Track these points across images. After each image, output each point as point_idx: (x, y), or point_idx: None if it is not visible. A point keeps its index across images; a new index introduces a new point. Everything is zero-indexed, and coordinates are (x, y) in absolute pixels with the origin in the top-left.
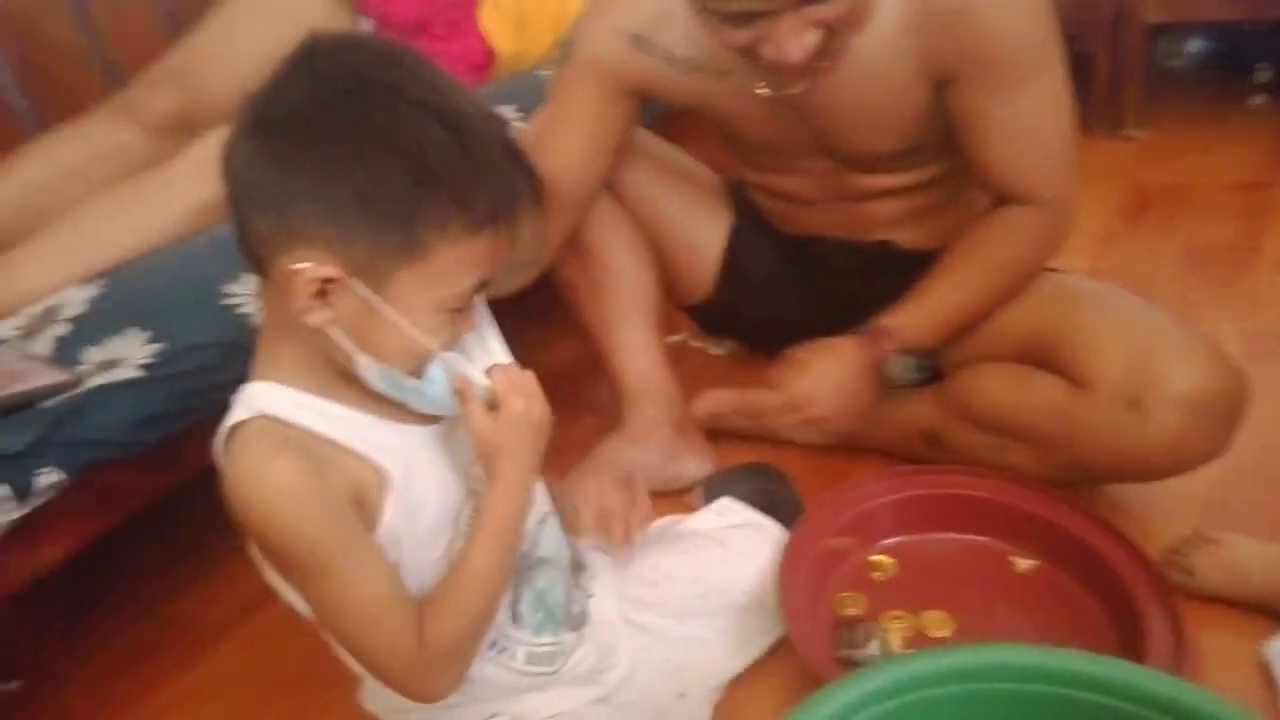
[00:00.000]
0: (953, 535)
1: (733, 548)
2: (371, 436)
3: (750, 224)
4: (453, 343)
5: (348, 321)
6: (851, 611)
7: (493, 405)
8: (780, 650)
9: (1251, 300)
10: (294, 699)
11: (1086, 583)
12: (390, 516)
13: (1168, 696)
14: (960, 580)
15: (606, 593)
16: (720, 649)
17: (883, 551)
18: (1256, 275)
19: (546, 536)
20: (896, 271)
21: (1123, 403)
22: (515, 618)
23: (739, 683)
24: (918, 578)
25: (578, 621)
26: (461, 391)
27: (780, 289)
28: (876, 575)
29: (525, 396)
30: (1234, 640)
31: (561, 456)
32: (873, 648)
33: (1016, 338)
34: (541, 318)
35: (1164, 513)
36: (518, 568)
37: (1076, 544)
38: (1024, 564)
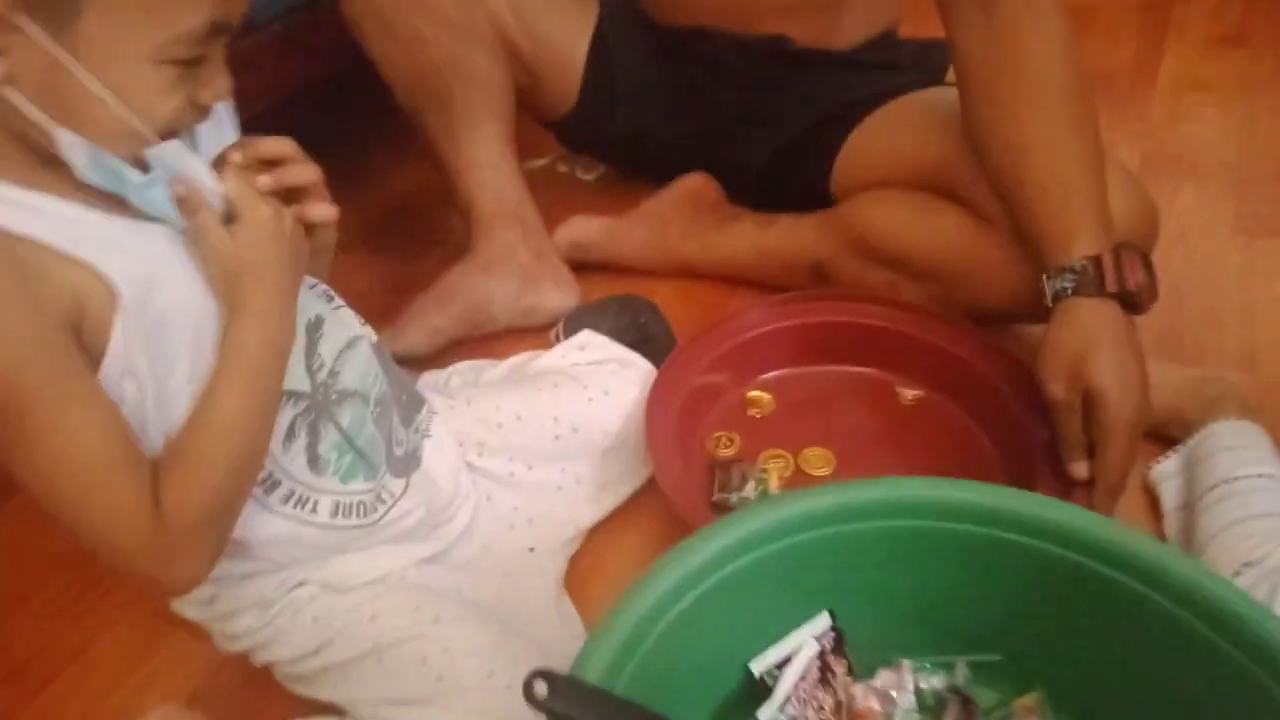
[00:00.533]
0: (835, 367)
1: (594, 386)
2: (96, 236)
3: (620, 13)
4: (179, 120)
5: (33, 81)
6: (726, 452)
7: (230, 217)
8: (646, 496)
9: (1148, 121)
10: (72, 579)
11: (976, 413)
12: (120, 344)
13: (1064, 524)
14: (843, 414)
15: (445, 434)
16: (578, 496)
17: (760, 387)
18: (1153, 96)
19: (352, 365)
20: (789, 77)
21: None
22: (313, 462)
23: (598, 533)
24: (798, 414)
25: (403, 466)
26: (185, 199)
27: (654, 97)
28: (753, 413)
29: (269, 204)
30: None
31: (406, 295)
32: (749, 490)
33: (916, 164)
34: (387, 141)
35: None
36: (316, 402)
37: (965, 372)
38: (910, 394)
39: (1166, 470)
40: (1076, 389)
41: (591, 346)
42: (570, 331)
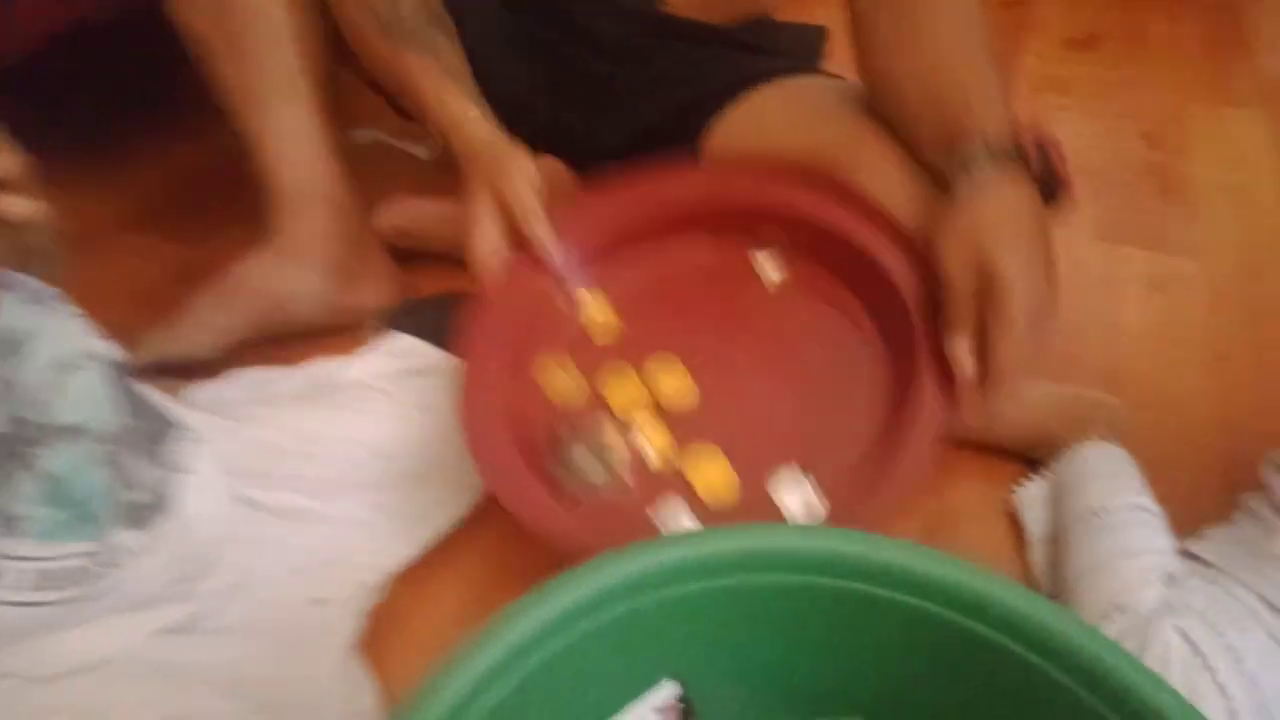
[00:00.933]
0: (685, 255)
1: (405, 399)
2: None
3: None
4: None
5: None
6: (561, 384)
7: None
8: (471, 528)
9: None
10: None
11: (853, 289)
12: None
13: (936, 577)
14: (697, 309)
15: (210, 467)
16: (385, 532)
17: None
18: (1015, 97)
19: (70, 392)
20: (659, 47)
21: None
22: (5, 523)
23: (405, 578)
24: (649, 327)
25: (143, 514)
26: None
27: (505, 57)
28: (592, 327)
29: None
30: (985, 488)
31: (198, 286)
32: (579, 457)
33: (788, 152)
34: (177, 98)
35: None
36: (7, 443)
37: (837, 242)
38: (776, 277)
39: (1031, 495)
40: (976, 269)
41: (409, 353)
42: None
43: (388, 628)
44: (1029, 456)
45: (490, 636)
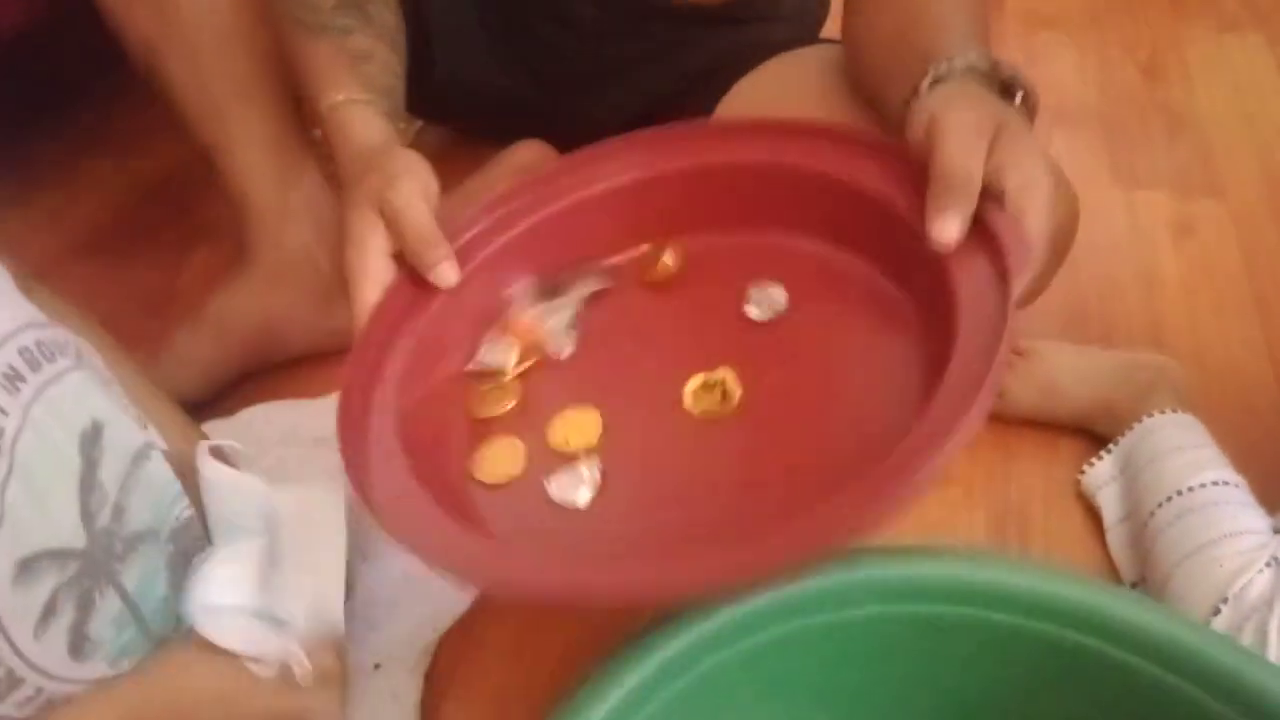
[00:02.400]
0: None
1: None
2: None
3: None
4: None
5: None
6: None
7: None
8: None
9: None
10: None
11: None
12: None
13: (1076, 604)
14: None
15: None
16: (437, 584)
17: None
18: (1005, 37)
19: (143, 491)
20: (652, 28)
21: None
22: (77, 648)
23: (451, 633)
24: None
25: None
26: None
27: (481, 42)
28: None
29: None
30: (1050, 469)
31: (166, 313)
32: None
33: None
34: (125, 105)
35: None
36: (93, 563)
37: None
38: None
39: (1101, 475)
40: (977, 156)
41: None
42: None
43: (441, 692)
44: (1091, 430)
45: (596, 690)
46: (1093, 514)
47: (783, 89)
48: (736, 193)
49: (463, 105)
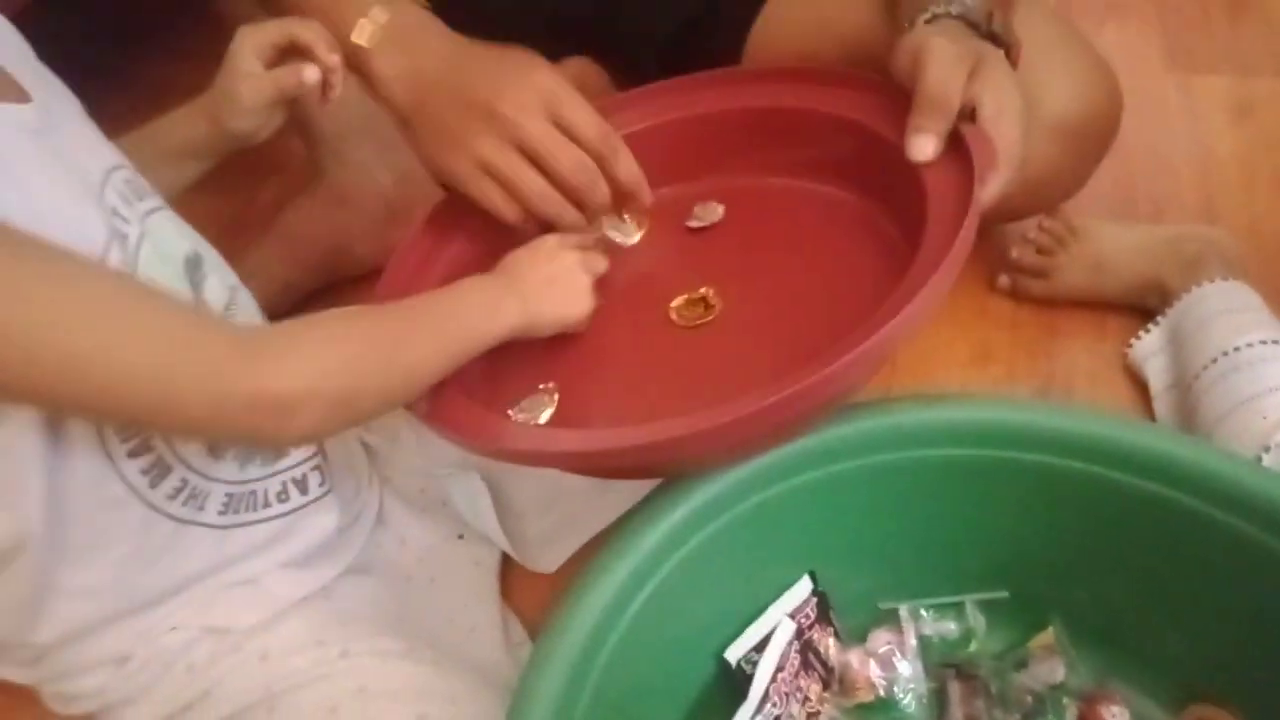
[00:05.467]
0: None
1: None
2: None
3: None
4: None
5: None
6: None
7: None
8: None
9: None
10: None
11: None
12: None
13: (1065, 430)
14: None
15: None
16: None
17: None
18: None
19: (240, 317)
20: None
21: None
22: (213, 450)
23: None
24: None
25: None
26: None
27: None
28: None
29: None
30: (1098, 345)
31: (240, 239)
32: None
33: (842, 32)
34: (193, 52)
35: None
36: None
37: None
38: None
39: (1149, 346)
40: (957, 74)
41: None
42: None
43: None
44: (1141, 306)
45: (623, 544)
46: (1140, 386)
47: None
48: (723, 140)
49: (515, 26)
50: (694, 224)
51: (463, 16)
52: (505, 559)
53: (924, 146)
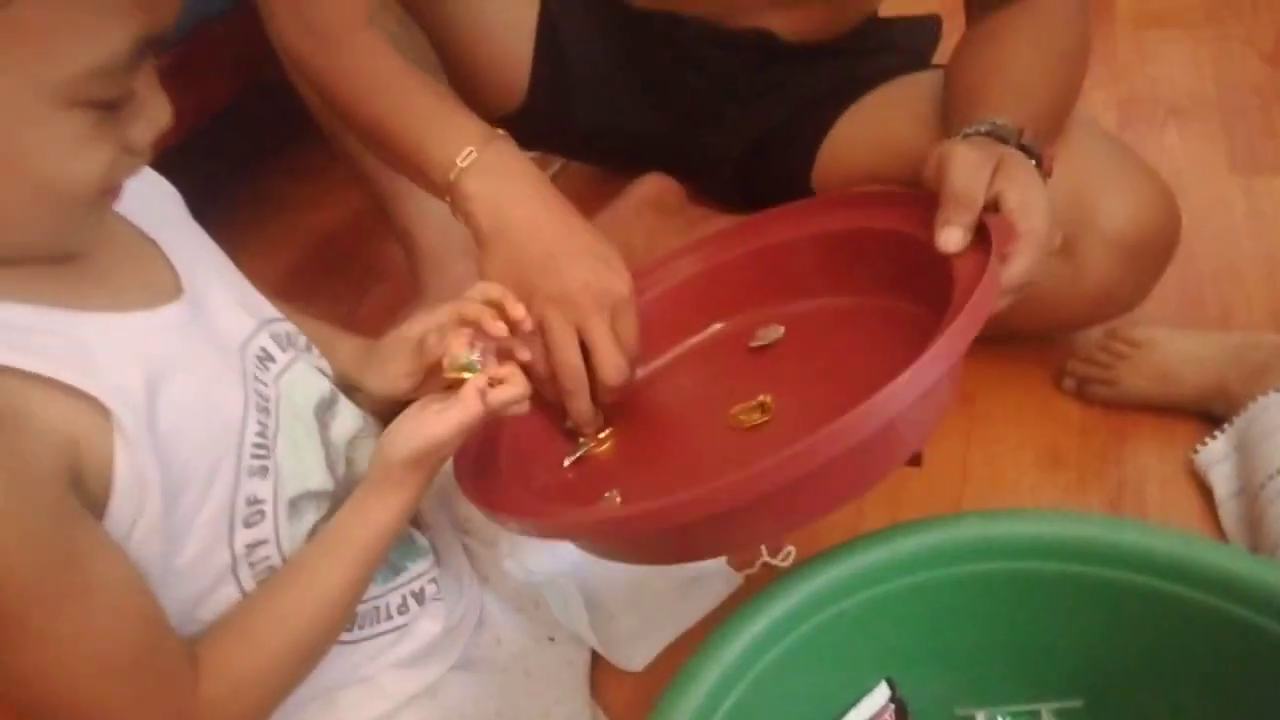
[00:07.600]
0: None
1: None
2: (68, 344)
3: None
4: (113, 176)
5: None
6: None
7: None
8: None
9: (1116, 64)
10: None
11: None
12: (126, 478)
13: (1142, 548)
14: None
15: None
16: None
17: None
18: (1114, 36)
19: (364, 450)
20: (772, 71)
21: None
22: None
23: None
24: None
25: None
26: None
27: (616, 88)
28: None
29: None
30: (1165, 450)
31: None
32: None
33: (909, 152)
34: (307, 171)
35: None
36: (335, 507)
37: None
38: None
39: (1215, 453)
40: (980, 181)
41: None
42: None
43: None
44: (1207, 412)
45: (710, 654)
46: (1207, 493)
47: (884, 117)
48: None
49: (597, 146)
50: (756, 344)
51: (549, 135)
52: (594, 657)
53: (951, 237)
